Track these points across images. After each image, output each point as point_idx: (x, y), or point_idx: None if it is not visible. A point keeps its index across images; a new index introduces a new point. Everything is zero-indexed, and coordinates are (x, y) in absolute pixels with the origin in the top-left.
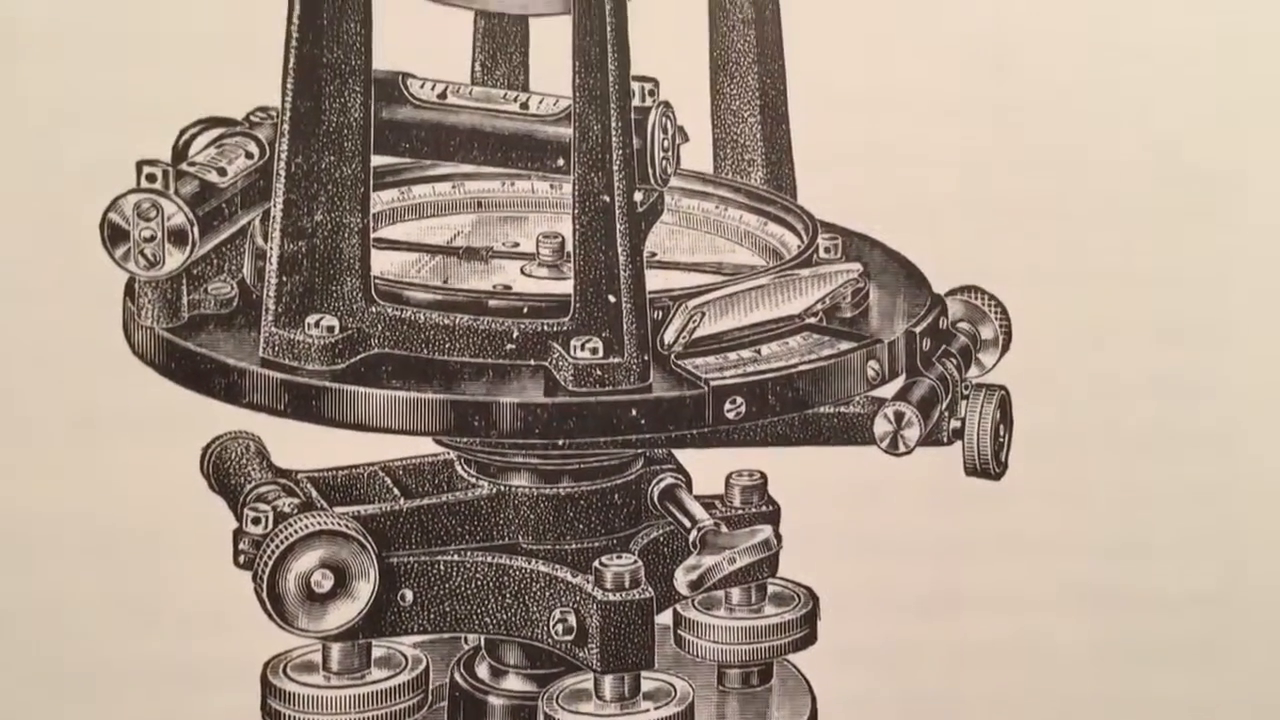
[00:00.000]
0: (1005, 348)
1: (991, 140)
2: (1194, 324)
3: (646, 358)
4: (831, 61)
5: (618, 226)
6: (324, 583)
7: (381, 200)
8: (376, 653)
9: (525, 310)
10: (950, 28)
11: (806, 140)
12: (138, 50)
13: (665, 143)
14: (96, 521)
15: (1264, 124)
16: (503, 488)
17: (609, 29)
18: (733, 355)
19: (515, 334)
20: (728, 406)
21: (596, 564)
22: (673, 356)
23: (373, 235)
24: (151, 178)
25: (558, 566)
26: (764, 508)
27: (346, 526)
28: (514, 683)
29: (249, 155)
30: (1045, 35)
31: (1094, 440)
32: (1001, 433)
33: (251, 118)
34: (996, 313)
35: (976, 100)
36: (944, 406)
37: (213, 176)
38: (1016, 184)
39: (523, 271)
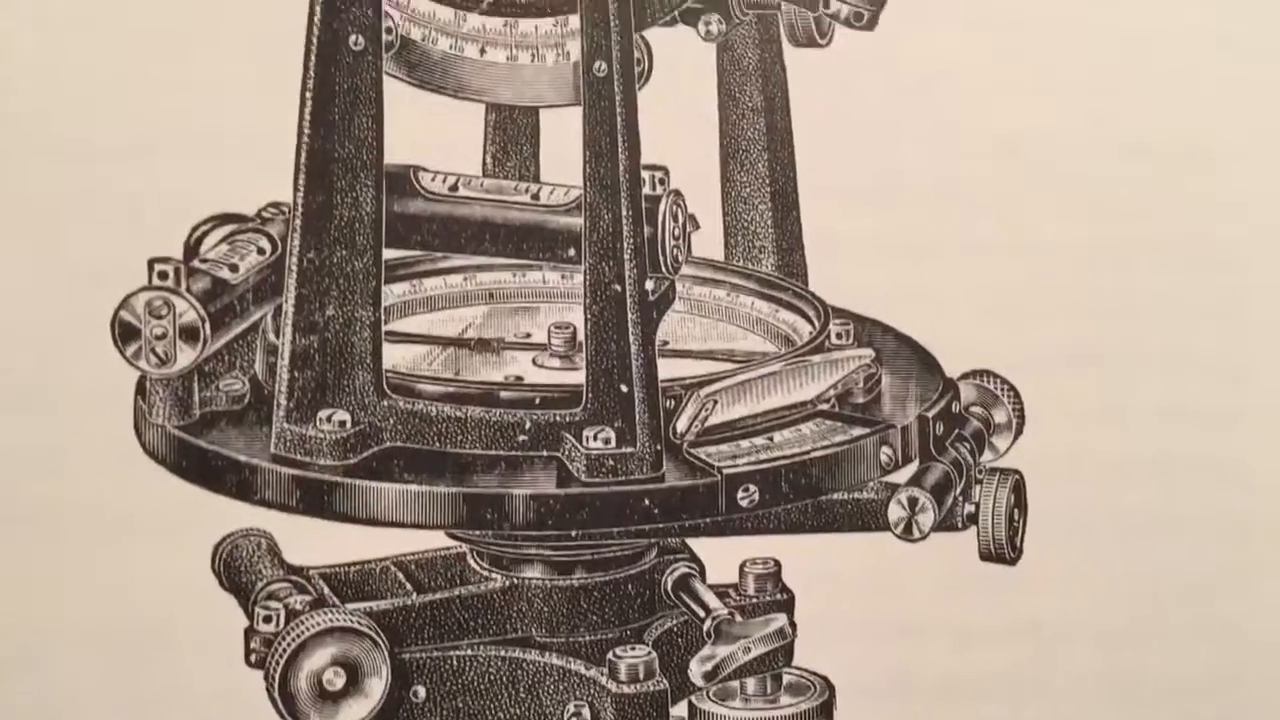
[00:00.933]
0: (1019, 431)
1: (1001, 226)
2: (1207, 406)
3: (659, 447)
4: (841, 149)
5: (629, 315)
6: (336, 680)
7: (393, 293)
8: None
9: (537, 401)
10: (956, 117)
11: (817, 227)
12: (149, 147)
13: (676, 231)
14: (107, 619)
15: (1273, 212)
16: (515, 580)
17: (619, 119)
18: (745, 443)
19: (528, 425)
20: (741, 494)
21: (610, 656)
22: (685, 445)
23: (384, 329)
24: (163, 275)
25: (571, 659)
26: (778, 596)
27: (358, 623)
28: None
29: (261, 251)
30: (1050, 126)
31: (1108, 524)
32: (1016, 517)
33: (264, 213)
34: (1009, 397)
35: (985, 187)
36: (958, 491)
37: (224, 273)
38: (1026, 269)
39: (535, 362)
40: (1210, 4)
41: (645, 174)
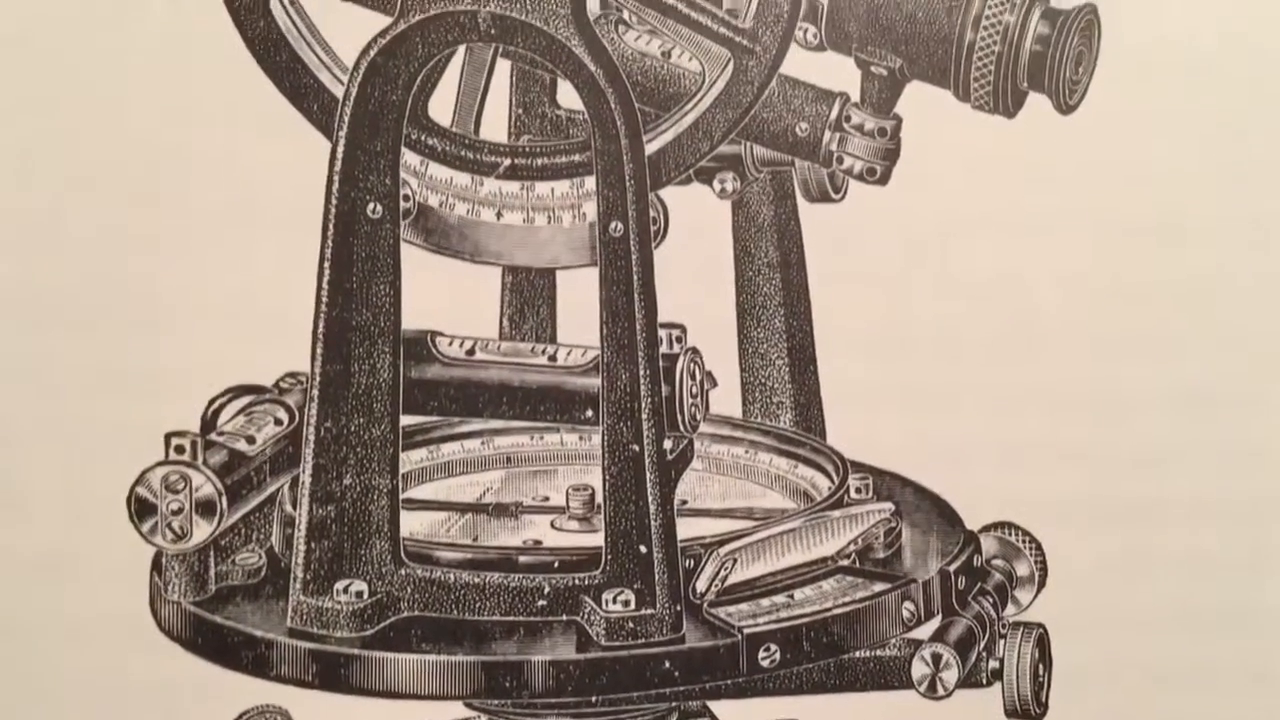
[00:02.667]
0: (1041, 584)
1: (1017, 376)
2: (1232, 555)
3: (679, 608)
4: (857, 302)
5: (647, 476)
6: None
7: (410, 460)
8: None
9: (556, 565)
10: (970, 267)
11: (834, 380)
12: (167, 320)
13: (693, 389)
14: None
15: None
16: None
17: (635, 278)
18: (766, 601)
19: (546, 590)
20: (762, 654)
21: None
22: (705, 605)
23: (402, 496)
24: (180, 449)
25: None
26: None
27: None
28: None
29: (278, 422)
30: (1064, 273)
31: (1135, 676)
32: (1041, 672)
33: (281, 384)
34: (1031, 549)
35: (1000, 336)
36: (982, 646)
37: (241, 445)
38: (1045, 419)
39: (553, 525)
40: (1213, 150)
41: (662, 332)
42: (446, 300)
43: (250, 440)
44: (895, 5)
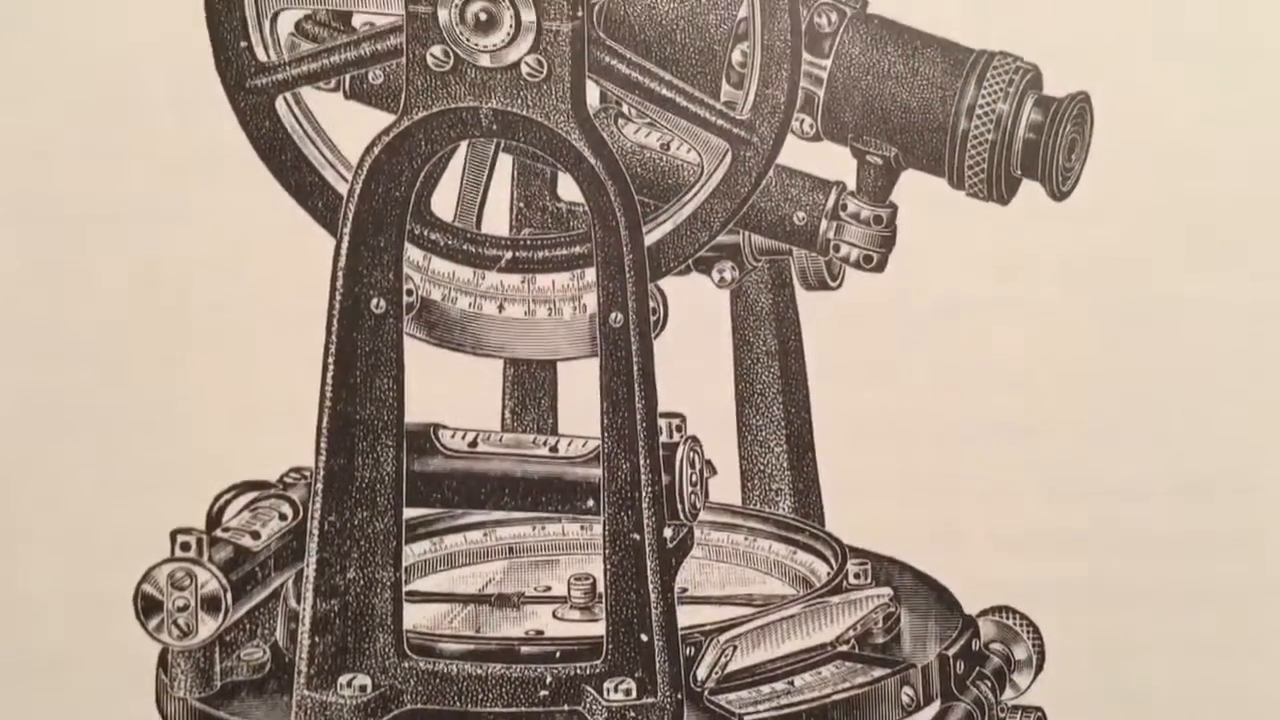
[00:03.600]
0: (1039, 668)
1: (1015, 462)
2: (1228, 643)
3: (680, 696)
4: (854, 389)
5: (648, 564)
6: None
7: (413, 553)
8: None
9: (558, 655)
10: (966, 353)
11: (833, 466)
12: (172, 417)
13: (693, 477)
14: None
15: None
16: None
17: (635, 368)
18: (766, 688)
19: (548, 680)
20: None
21: None
22: (706, 693)
23: (405, 589)
24: (186, 546)
25: None
26: None
27: None
28: None
29: (283, 517)
30: (1058, 358)
31: None
32: None
33: (285, 479)
34: (1029, 633)
35: (996, 421)
36: None
37: (246, 541)
38: (1041, 504)
39: (555, 615)
40: (1205, 236)
41: (662, 422)
42: (449, 393)
43: (255, 536)
44: (890, 95)
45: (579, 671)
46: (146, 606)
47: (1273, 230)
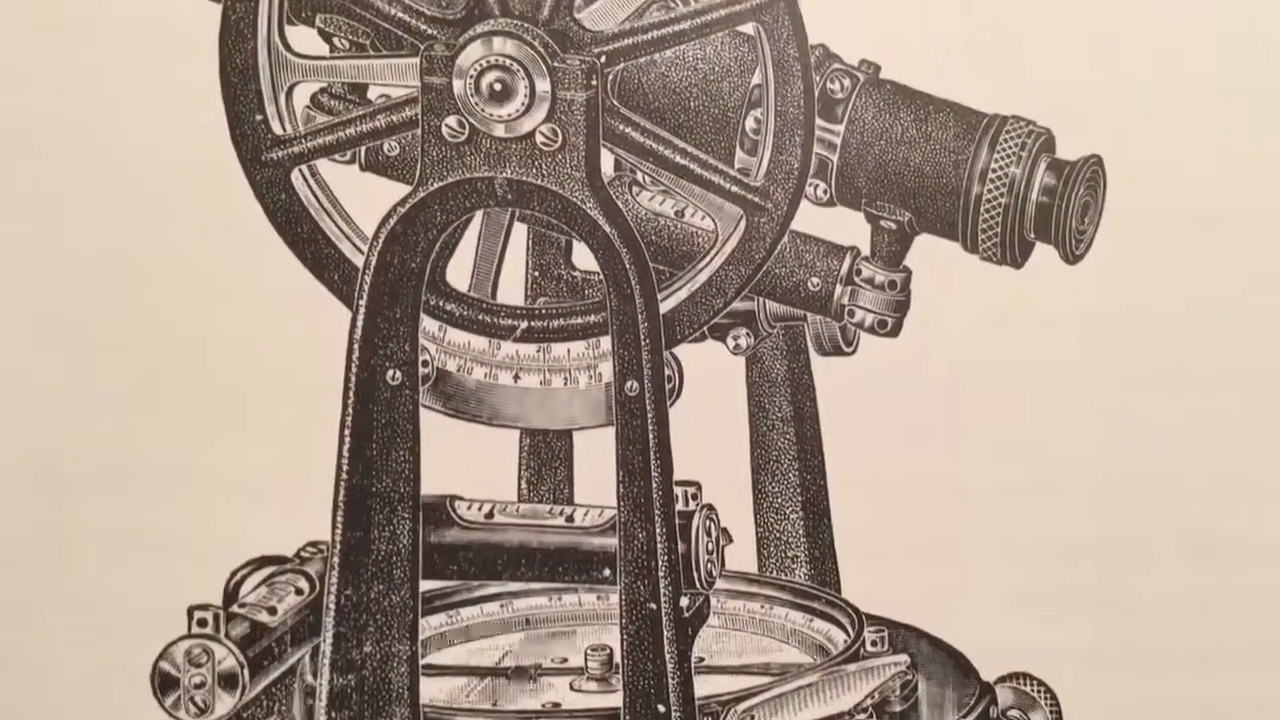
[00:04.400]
0: None
1: (1031, 526)
2: (1243, 705)
3: None
4: (870, 454)
5: (665, 634)
6: None
7: (430, 625)
8: None
9: None
10: (981, 418)
11: (848, 533)
12: (189, 492)
13: (709, 546)
14: None
15: None
16: None
17: (651, 437)
18: None
19: None
20: None
21: None
22: None
23: (422, 662)
24: (203, 622)
25: None
26: None
27: None
28: None
29: (299, 591)
30: (1075, 424)
31: None
32: None
33: (302, 553)
34: (1046, 699)
35: (1013, 486)
36: None
37: (263, 616)
38: (1058, 569)
39: (572, 687)
40: (1217, 298)
41: (678, 490)
42: (465, 464)
43: (272, 611)
44: (903, 160)
45: None
46: (163, 683)
47: None
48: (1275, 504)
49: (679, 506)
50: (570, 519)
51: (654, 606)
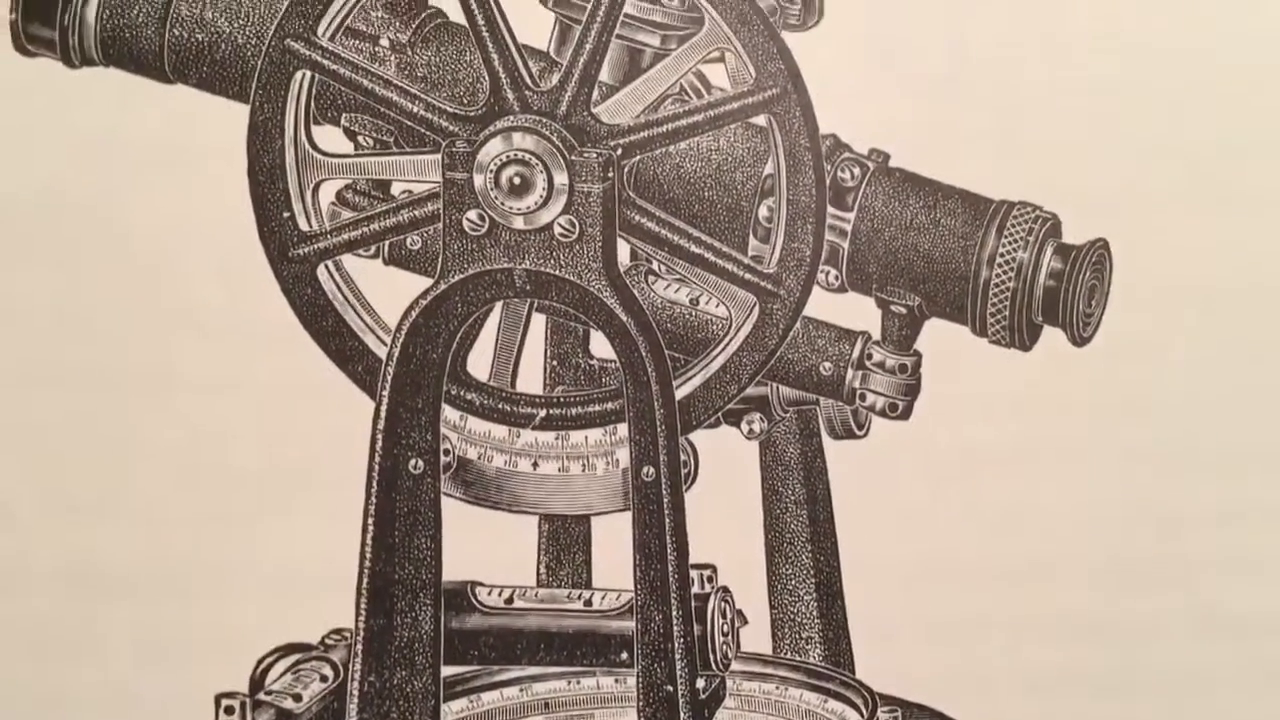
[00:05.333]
0: None
1: (1043, 606)
2: None
3: None
4: (882, 535)
5: (682, 716)
6: None
7: (451, 711)
8: None
9: None
10: (992, 497)
11: (862, 613)
12: (215, 583)
13: (725, 628)
14: None
15: None
16: None
17: (668, 521)
18: None
19: None
20: None
21: None
22: None
23: None
24: (230, 710)
25: None
26: None
27: None
28: None
29: (324, 678)
30: (1081, 501)
31: None
32: None
33: (326, 641)
34: None
35: (1025, 567)
36: None
37: (289, 704)
38: (1071, 650)
39: None
40: (1224, 378)
41: (694, 573)
42: (485, 550)
43: (297, 698)
44: (913, 246)
45: None
46: None
47: None
48: None
49: (695, 589)
50: (588, 603)
51: (671, 689)
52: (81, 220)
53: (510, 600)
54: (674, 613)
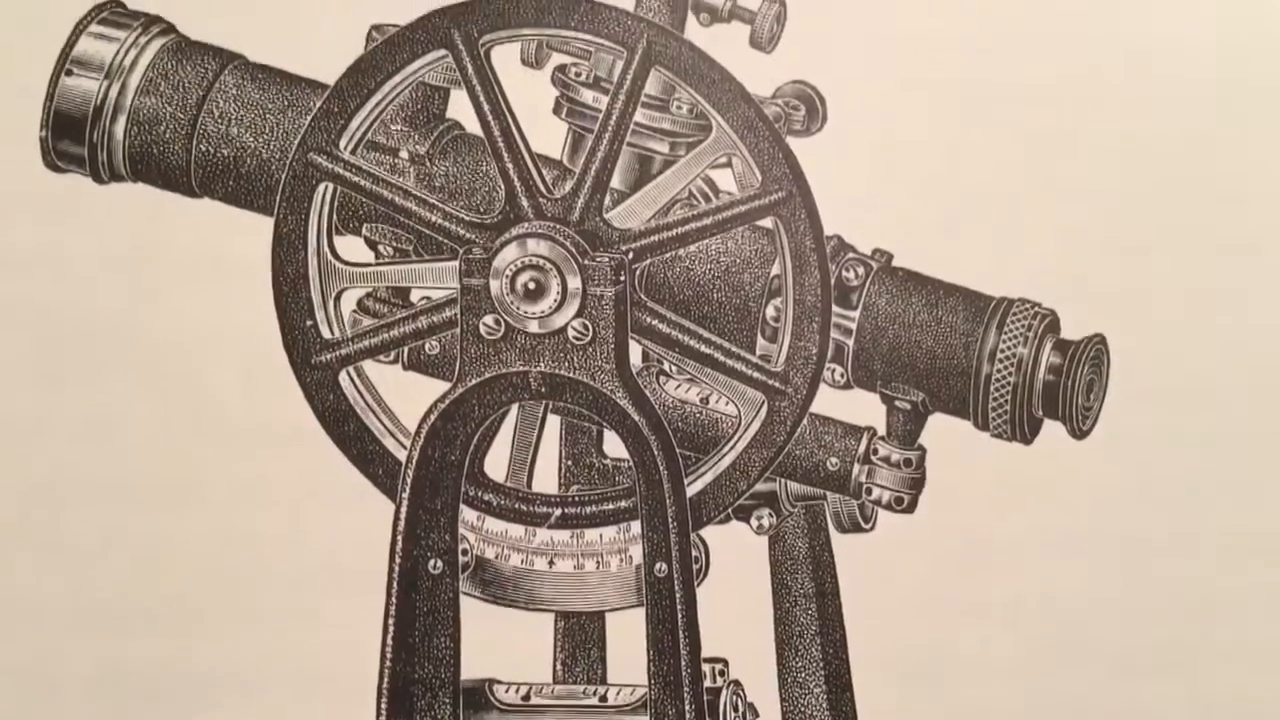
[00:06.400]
0: None
1: (1049, 696)
2: None
3: None
4: (890, 628)
5: None
6: None
7: None
8: None
9: None
10: (998, 588)
11: (871, 707)
12: (236, 687)
13: None
14: None
15: None
16: None
17: (680, 616)
18: None
19: None
20: None
21: None
22: None
23: None
24: None
25: None
26: None
27: None
28: None
29: None
30: (1087, 593)
31: None
32: None
33: None
34: None
35: (1031, 658)
36: None
37: None
38: None
39: None
40: (1220, 467)
41: (706, 667)
42: (502, 647)
43: None
44: (915, 343)
45: None
46: None
47: None
48: None
49: (707, 683)
50: (604, 698)
51: None
52: (112, 332)
53: (527, 697)
54: (687, 707)
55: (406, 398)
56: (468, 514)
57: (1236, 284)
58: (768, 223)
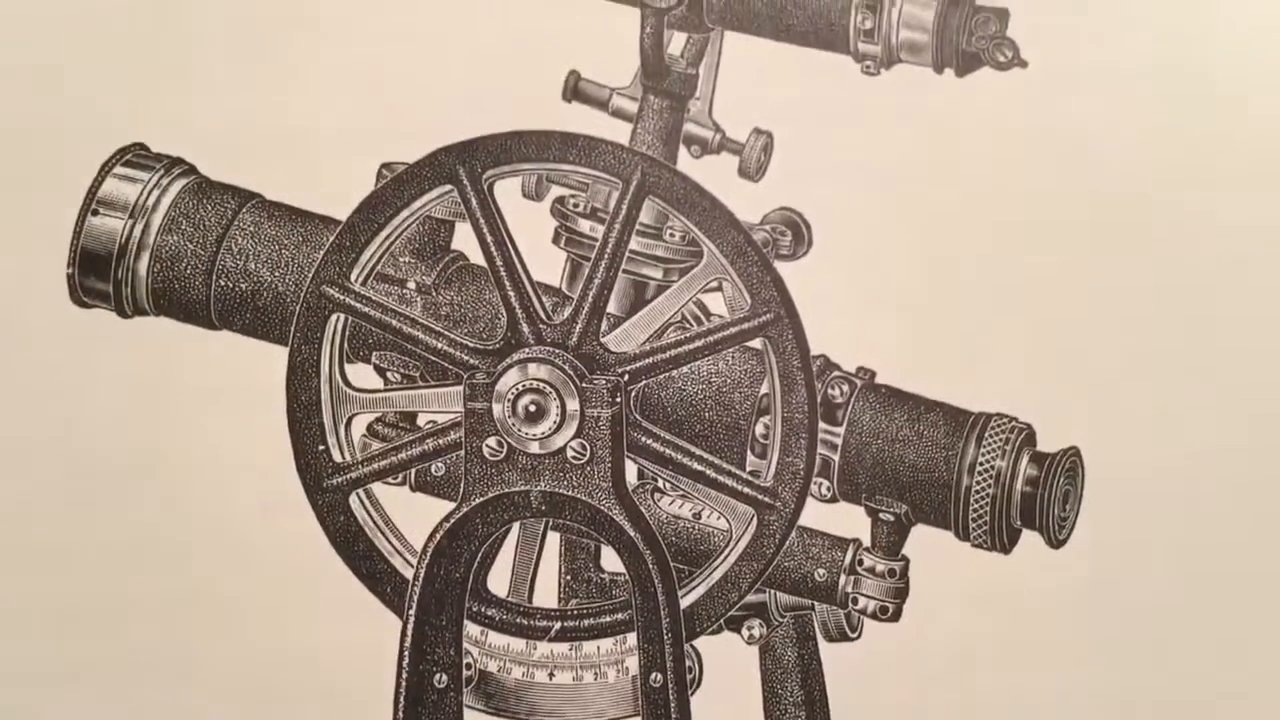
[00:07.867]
0: None
1: None
2: None
3: None
4: None
5: None
6: None
7: None
8: None
9: None
10: (978, 696)
11: None
12: None
13: None
14: None
15: None
16: None
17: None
18: None
19: None
20: None
21: None
22: None
23: None
24: None
25: None
26: None
27: None
28: None
29: None
30: (1072, 693)
31: None
32: None
33: None
34: None
35: None
36: None
37: None
38: None
39: None
40: (1196, 575)
41: None
42: None
43: None
44: (898, 457)
45: None
46: None
47: (1265, 564)
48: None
49: None
50: None
51: None
52: (137, 461)
53: None
54: None
55: (413, 518)
56: (471, 629)
57: (1208, 397)
58: (757, 343)
